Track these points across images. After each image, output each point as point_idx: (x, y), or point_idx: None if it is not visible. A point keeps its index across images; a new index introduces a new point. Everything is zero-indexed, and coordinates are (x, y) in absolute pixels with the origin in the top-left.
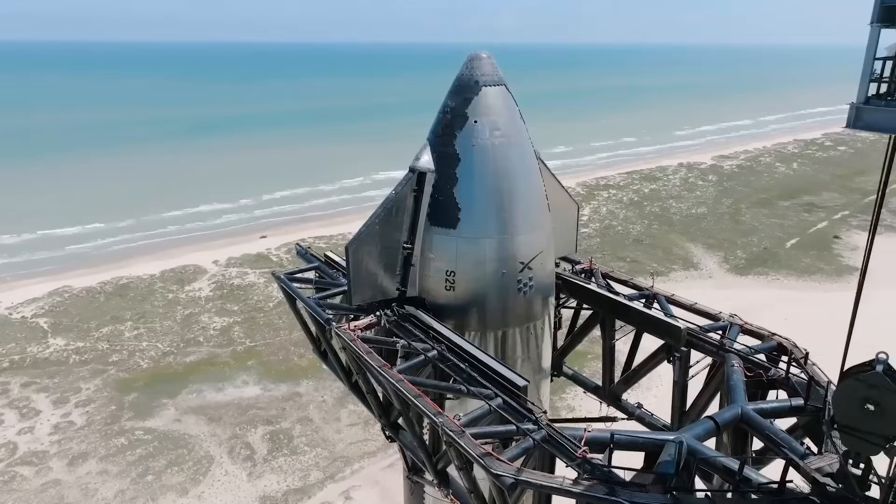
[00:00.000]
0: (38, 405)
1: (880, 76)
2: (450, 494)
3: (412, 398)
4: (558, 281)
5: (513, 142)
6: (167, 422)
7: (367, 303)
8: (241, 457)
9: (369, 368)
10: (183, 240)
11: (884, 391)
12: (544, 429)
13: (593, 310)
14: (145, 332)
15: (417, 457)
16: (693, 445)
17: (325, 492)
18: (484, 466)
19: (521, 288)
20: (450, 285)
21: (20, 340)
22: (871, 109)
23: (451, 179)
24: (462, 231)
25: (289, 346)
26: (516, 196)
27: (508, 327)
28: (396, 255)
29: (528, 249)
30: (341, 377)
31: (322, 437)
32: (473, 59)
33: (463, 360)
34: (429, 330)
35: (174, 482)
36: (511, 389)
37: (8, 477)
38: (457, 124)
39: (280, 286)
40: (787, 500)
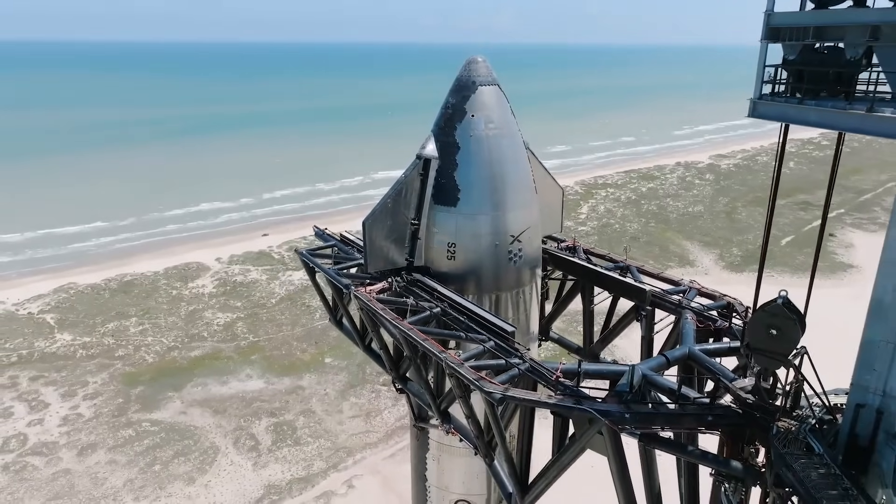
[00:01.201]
0: (47, 398)
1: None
2: (451, 429)
3: (420, 341)
4: (545, 255)
5: (504, 133)
6: (173, 414)
7: (379, 271)
8: (245, 447)
9: (383, 322)
10: (185, 238)
11: (782, 318)
12: (528, 362)
13: (575, 279)
14: (150, 327)
15: (424, 401)
16: (646, 373)
17: (329, 480)
18: (478, 387)
19: (511, 258)
20: (451, 255)
21: (27, 336)
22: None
23: (452, 165)
24: (461, 209)
25: (291, 342)
26: (507, 179)
27: (501, 291)
28: (405, 229)
29: (518, 225)
30: (356, 340)
31: (325, 428)
32: (471, 62)
33: (462, 315)
34: (433, 292)
35: (181, 471)
36: (501, 334)
37: (19, 466)
38: (457, 118)
39: (302, 260)
40: (713, 409)
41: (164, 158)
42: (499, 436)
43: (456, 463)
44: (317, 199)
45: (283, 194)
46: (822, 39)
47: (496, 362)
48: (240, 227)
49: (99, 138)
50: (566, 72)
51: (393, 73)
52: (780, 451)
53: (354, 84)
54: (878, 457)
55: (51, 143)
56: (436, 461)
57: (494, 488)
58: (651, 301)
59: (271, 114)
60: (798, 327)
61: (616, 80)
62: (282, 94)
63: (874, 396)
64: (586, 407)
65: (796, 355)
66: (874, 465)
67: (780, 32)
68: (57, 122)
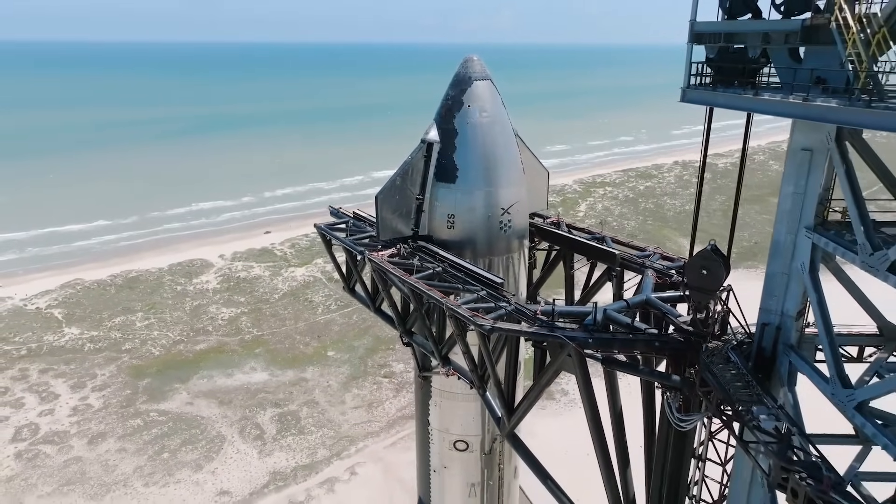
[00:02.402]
0: (57, 389)
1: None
2: (450, 370)
3: (425, 290)
4: (532, 228)
5: (496, 121)
6: (180, 404)
7: (389, 239)
8: (251, 436)
9: (393, 280)
10: (188, 235)
11: (710, 261)
12: (513, 305)
13: (559, 249)
14: (156, 322)
15: (427, 350)
16: (609, 312)
17: (332, 468)
18: (472, 321)
19: (502, 227)
20: (450, 225)
21: (36, 330)
22: (690, 91)
23: (451, 148)
24: (459, 185)
25: (294, 336)
26: (498, 160)
27: (493, 256)
28: (411, 203)
29: (507, 199)
30: (367, 303)
31: (328, 418)
32: (468, 60)
33: (459, 272)
34: (435, 255)
35: (189, 459)
36: (492, 285)
37: (32, 454)
38: (455, 108)
39: (320, 232)
40: (660, 337)
41: (164, 158)
42: (490, 366)
43: (454, 407)
44: (317, 197)
45: (284, 193)
46: (732, 42)
47: (487, 305)
48: (242, 224)
49: (99, 138)
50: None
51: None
52: (706, 361)
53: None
54: (778, 364)
55: (52, 143)
56: (437, 406)
57: (487, 429)
58: (620, 263)
59: (271, 114)
60: (723, 268)
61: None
62: (282, 95)
63: (775, 316)
64: (558, 334)
65: (723, 291)
66: (776, 370)
67: (702, 37)
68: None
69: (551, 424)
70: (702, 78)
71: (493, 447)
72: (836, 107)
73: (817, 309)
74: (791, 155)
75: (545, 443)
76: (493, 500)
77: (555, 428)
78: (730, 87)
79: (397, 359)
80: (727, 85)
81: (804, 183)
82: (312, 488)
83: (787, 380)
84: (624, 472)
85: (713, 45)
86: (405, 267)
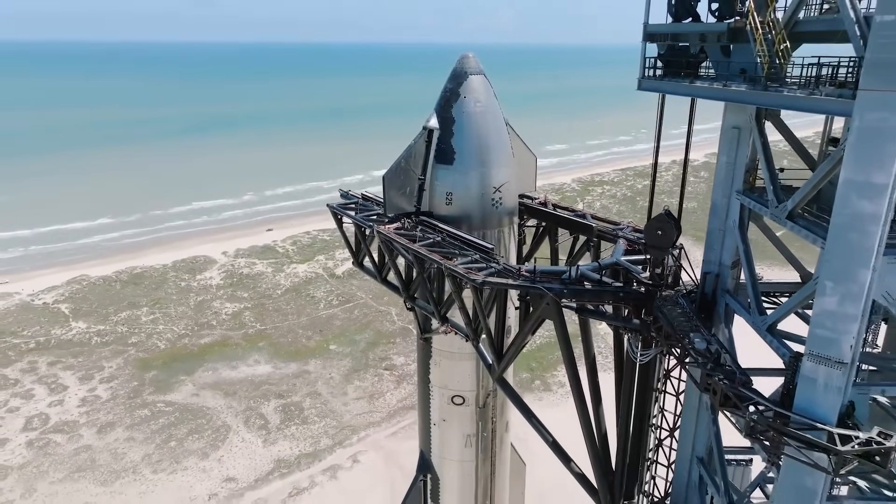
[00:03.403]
0: (66, 381)
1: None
2: (448, 327)
3: (427, 255)
4: (521, 207)
5: (488, 110)
6: (186, 396)
7: (394, 215)
8: (256, 426)
9: (399, 249)
10: (191, 233)
11: (664, 223)
12: (502, 265)
13: (545, 225)
14: (161, 316)
15: (428, 311)
16: (582, 270)
17: (335, 456)
18: (466, 277)
19: (494, 204)
20: (448, 201)
21: (44, 324)
22: (645, 81)
23: (449, 133)
24: (456, 167)
25: (297, 330)
26: (490, 145)
27: (486, 229)
28: (414, 183)
29: (499, 179)
30: (375, 274)
31: (330, 409)
32: (464, 57)
33: (456, 241)
34: (435, 227)
35: (195, 447)
36: (484, 250)
37: (43, 443)
38: (453, 99)
39: (332, 211)
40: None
41: (165, 157)
42: (483, 319)
43: (452, 366)
44: (318, 196)
45: (285, 192)
46: (677, 41)
47: (479, 265)
48: (244, 222)
49: (100, 137)
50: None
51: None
52: (659, 304)
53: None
54: (718, 306)
55: (53, 143)
56: (437, 366)
57: (481, 385)
58: (597, 234)
59: (272, 113)
60: (674, 229)
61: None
62: (282, 94)
63: (714, 266)
64: (538, 285)
65: (675, 248)
66: (716, 311)
67: (654, 36)
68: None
69: (548, 415)
70: (654, 70)
71: (487, 402)
72: (745, 90)
73: (744, 258)
74: (724, 132)
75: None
76: (487, 450)
77: (551, 419)
78: (676, 77)
79: (398, 352)
80: (674, 76)
81: (734, 155)
82: (316, 475)
83: (725, 318)
84: (597, 409)
85: (662, 43)
86: (409, 237)
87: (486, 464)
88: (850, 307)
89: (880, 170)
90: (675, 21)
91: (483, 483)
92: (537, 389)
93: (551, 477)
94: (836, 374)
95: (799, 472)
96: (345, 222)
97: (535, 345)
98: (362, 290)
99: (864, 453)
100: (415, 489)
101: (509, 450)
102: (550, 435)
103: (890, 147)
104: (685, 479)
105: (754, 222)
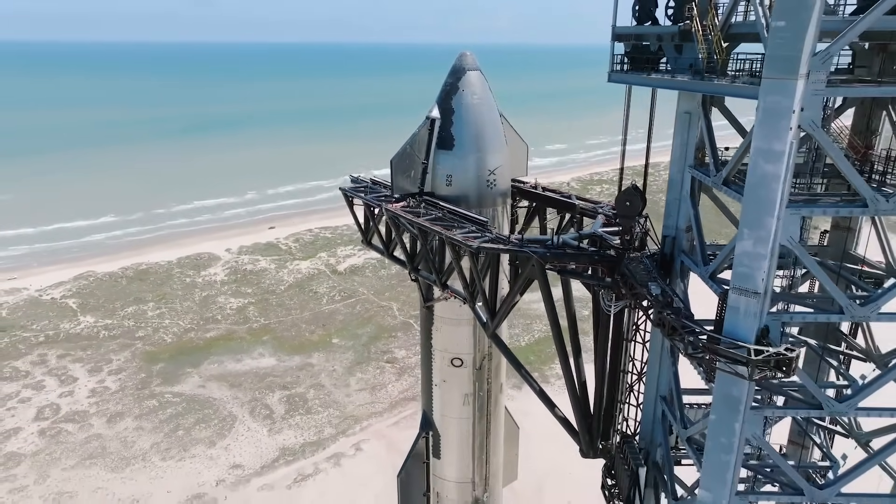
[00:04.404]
0: (75, 373)
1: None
2: (449, 292)
3: (430, 227)
4: (514, 189)
5: (484, 102)
6: (193, 387)
7: (400, 195)
8: (261, 416)
9: (405, 223)
10: (195, 230)
11: (631, 195)
12: (494, 234)
13: (535, 205)
14: (167, 311)
15: (430, 280)
16: (563, 238)
17: (338, 444)
18: (464, 244)
19: (489, 185)
20: (448, 183)
21: (52, 318)
22: (614, 74)
23: (449, 122)
24: (456, 152)
25: (300, 324)
26: (485, 133)
27: (482, 208)
28: (418, 166)
29: (493, 163)
30: (382, 250)
31: (333, 399)
32: (463, 55)
33: (455, 216)
34: (437, 205)
35: (203, 436)
36: (480, 222)
37: (55, 432)
38: (452, 91)
39: (344, 193)
40: (599, 253)
41: (166, 157)
42: (478, 281)
43: (452, 331)
44: (320, 195)
45: (287, 190)
46: (640, 41)
47: (475, 235)
48: (246, 220)
49: (101, 137)
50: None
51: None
52: (626, 264)
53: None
54: (675, 263)
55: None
56: (438, 331)
57: (477, 347)
58: (580, 211)
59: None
60: (640, 200)
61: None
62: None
63: (672, 230)
64: (525, 249)
65: (641, 216)
66: (674, 268)
67: (621, 37)
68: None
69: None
70: (622, 66)
71: (483, 364)
72: (688, 80)
73: (694, 222)
74: (677, 117)
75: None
76: (483, 408)
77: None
78: (639, 71)
79: (399, 346)
80: (637, 70)
81: (686, 136)
82: (320, 462)
83: (680, 274)
84: (577, 359)
85: (628, 42)
86: (414, 213)
87: (483, 421)
88: (761, 248)
89: (778, 140)
90: (638, 24)
91: (479, 438)
92: (536, 380)
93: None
94: (753, 302)
95: (727, 383)
96: (355, 204)
97: (533, 339)
98: (364, 286)
99: (774, 363)
100: (418, 445)
101: (503, 409)
102: (537, 384)
103: (784, 122)
104: (651, 416)
105: (706, 193)
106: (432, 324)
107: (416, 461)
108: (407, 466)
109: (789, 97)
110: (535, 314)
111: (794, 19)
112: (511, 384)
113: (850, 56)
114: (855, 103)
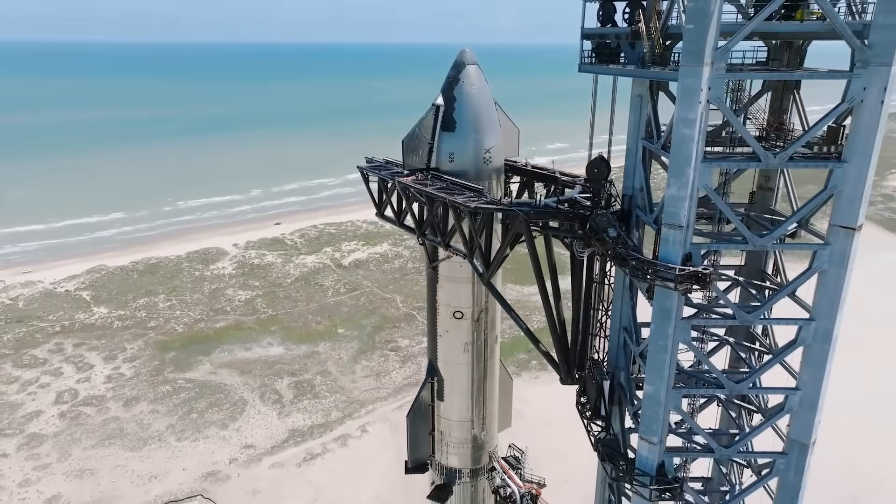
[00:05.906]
0: (91, 361)
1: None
2: (451, 251)
3: (436, 193)
4: (507, 167)
5: (481, 92)
6: (204, 374)
7: (410, 170)
8: (270, 400)
9: (414, 193)
10: (202, 226)
11: (600, 165)
12: (489, 198)
13: (525, 180)
14: (177, 303)
15: (435, 242)
16: (545, 200)
17: (344, 426)
18: (464, 206)
19: (485, 162)
20: (451, 160)
21: (67, 309)
22: (583, 66)
23: (452, 108)
24: (457, 133)
25: (307, 315)
26: (482, 117)
27: (479, 181)
28: (425, 145)
29: (489, 143)
30: (394, 220)
31: (340, 385)
32: (463, 52)
33: (456, 186)
34: (441, 177)
35: (215, 419)
36: (477, 190)
37: (74, 414)
38: (454, 82)
39: (361, 171)
40: (573, 211)
41: (172, 155)
42: (476, 237)
43: (454, 287)
44: (324, 192)
45: (292, 188)
46: (603, 39)
47: (473, 199)
48: (253, 217)
49: (107, 136)
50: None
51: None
52: (594, 219)
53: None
54: (632, 216)
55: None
56: (443, 288)
57: (475, 302)
58: (561, 182)
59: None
60: (606, 168)
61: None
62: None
63: (630, 189)
64: (514, 208)
65: (606, 182)
66: (632, 221)
67: (588, 36)
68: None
69: (544, 392)
70: (590, 59)
71: (480, 316)
72: (636, 69)
73: (644, 183)
74: (632, 99)
75: (537, 409)
76: (481, 355)
77: (547, 396)
78: (602, 63)
79: (402, 335)
80: (601, 62)
81: (639, 113)
82: (328, 443)
83: (636, 225)
84: (557, 303)
85: (595, 40)
86: (422, 184)
87: (480, 366)
88: (682, 192)
89: (692, 111)
90: (602, 26)
91: (477, 382)
92: (534, 369)
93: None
94: (678, 234)
95: (662, 297)
96: (371, 181)
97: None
98: (368, 279)
99: (694, 277)
100: (424, 388)
101: (498, 358)
102: (524, 323)
103: (695, 98)
104: (616, 344)
105: (655, 160)
106: (437, 282)
107: (421, 405)
108: (414, 408)
109: (698, 79)
110: (533, 306)
111: (700, 23)
112: (511, 371)
113: (766, 51)
114: (771, 88)
